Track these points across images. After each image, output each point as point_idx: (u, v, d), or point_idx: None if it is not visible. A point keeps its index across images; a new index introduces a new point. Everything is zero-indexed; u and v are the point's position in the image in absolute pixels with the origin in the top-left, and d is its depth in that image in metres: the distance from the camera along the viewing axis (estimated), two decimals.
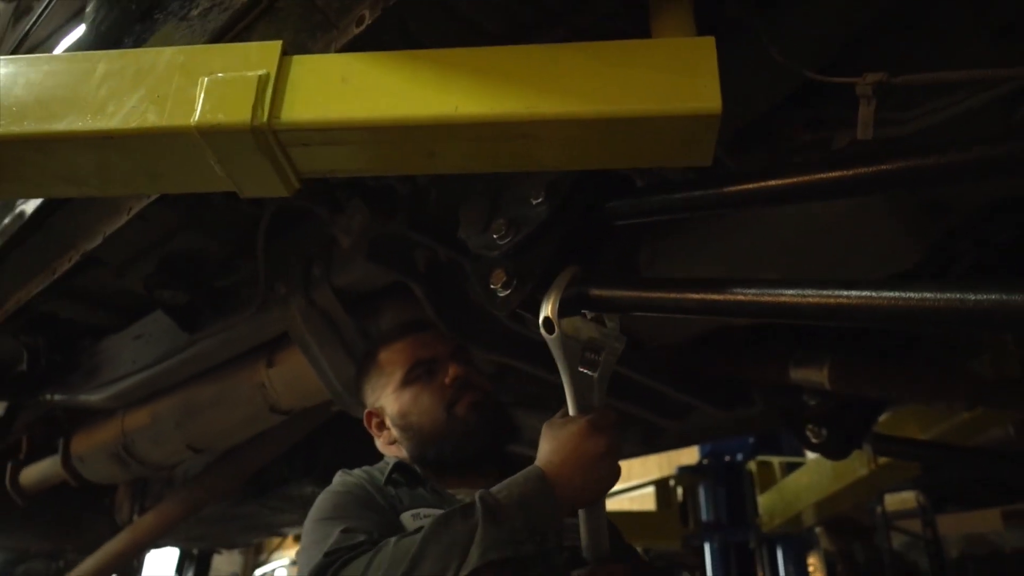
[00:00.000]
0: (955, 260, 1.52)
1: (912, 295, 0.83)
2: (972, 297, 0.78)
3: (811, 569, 3.12)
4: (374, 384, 1.44)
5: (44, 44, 1.51)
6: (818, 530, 3.49)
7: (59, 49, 1.46)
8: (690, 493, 3.44)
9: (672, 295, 1.00)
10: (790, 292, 0.91)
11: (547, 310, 1.11)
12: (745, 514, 3.14)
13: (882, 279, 1.12)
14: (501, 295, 1.16)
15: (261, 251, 1.63)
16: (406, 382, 1.39)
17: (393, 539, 1.09)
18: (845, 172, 0.91)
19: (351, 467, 1.37)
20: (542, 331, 1.11)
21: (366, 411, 1.45)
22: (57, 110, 0.93)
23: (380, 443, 1.43)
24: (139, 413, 2.20)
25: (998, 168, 0.83)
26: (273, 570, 4.56)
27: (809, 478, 2.63)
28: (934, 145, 0.87)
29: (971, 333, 1.42)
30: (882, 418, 2.11)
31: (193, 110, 0.90)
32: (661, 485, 3.57)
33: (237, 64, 0.93)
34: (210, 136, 0.90)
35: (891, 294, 0.85)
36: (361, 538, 1.12)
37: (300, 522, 3.08)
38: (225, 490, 2.53)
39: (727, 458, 3.25)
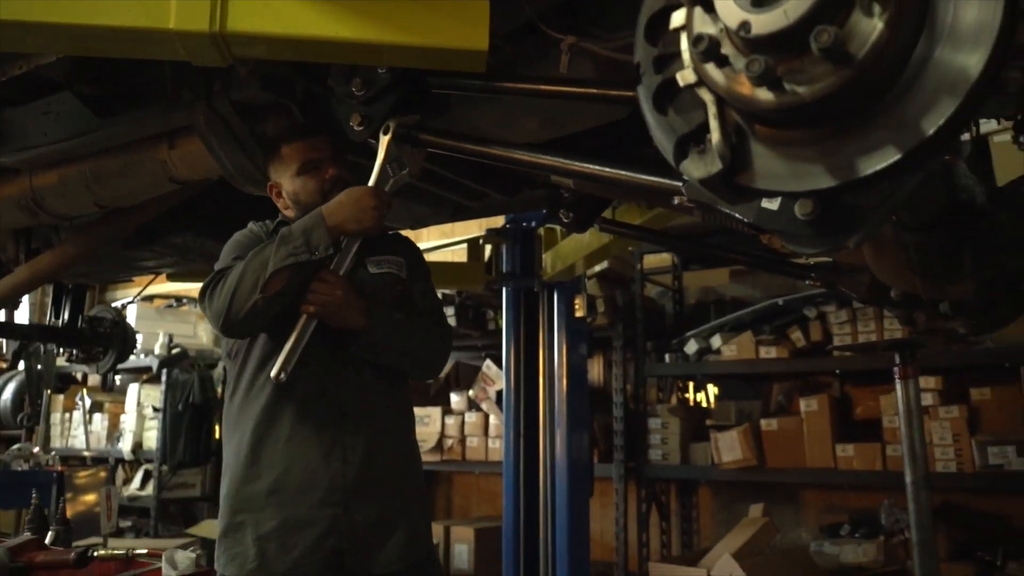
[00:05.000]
0: None
1: (588, 165, 1.59)
2: (615, 170, 1.56)
3: (576, 307, 4.18)
4: (276, 167, 2.05)
5: None
6: (588, 281, 4.59)
7: None
8: (495, 250, 4.37)
9: (455, 143, 1.73)
10: (521, 153, 1.67)
11: (390, 126, 1.79)
12: (533, 267, 4.12)
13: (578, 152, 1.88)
14: (357, 130, 1.83)
15: (168, 66, 2.14)
16: (299, 172, 2.00)
17: (244, 261, 1.80)
18: (555, 87, 1.63)
19: (225, 222, 2.19)
20: (381, 134, 1.79)
21: (269, 184, 2.07)
22: (79, 8, 1.45)
23: (279, 206, 2.08)
24: (48, 175, 2.63)
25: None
26: (125, 305, 5.16)
27: (576, 242, 3.57)
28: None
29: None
30: (620, 209, 2.99)
31: (169, 18, 1.45)
32: (472, 243, 4.46)
33: None
34: (181, 36, 1.47)
35: (579, 164, 1.60)
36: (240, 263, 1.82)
37: (178, 265, 3.70)
38: (118, 236, 3.09)
39: (524, 224, 4.17)
